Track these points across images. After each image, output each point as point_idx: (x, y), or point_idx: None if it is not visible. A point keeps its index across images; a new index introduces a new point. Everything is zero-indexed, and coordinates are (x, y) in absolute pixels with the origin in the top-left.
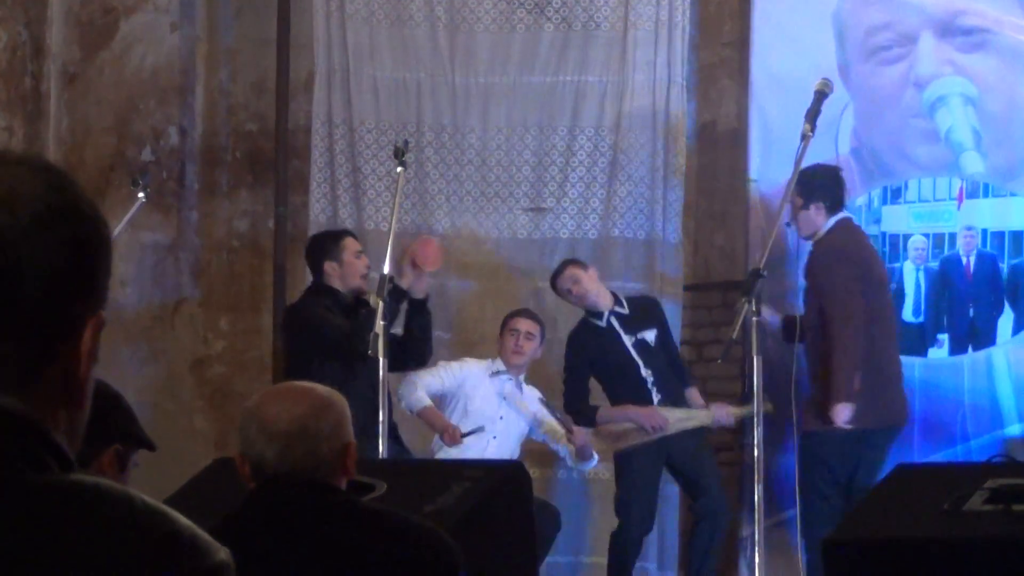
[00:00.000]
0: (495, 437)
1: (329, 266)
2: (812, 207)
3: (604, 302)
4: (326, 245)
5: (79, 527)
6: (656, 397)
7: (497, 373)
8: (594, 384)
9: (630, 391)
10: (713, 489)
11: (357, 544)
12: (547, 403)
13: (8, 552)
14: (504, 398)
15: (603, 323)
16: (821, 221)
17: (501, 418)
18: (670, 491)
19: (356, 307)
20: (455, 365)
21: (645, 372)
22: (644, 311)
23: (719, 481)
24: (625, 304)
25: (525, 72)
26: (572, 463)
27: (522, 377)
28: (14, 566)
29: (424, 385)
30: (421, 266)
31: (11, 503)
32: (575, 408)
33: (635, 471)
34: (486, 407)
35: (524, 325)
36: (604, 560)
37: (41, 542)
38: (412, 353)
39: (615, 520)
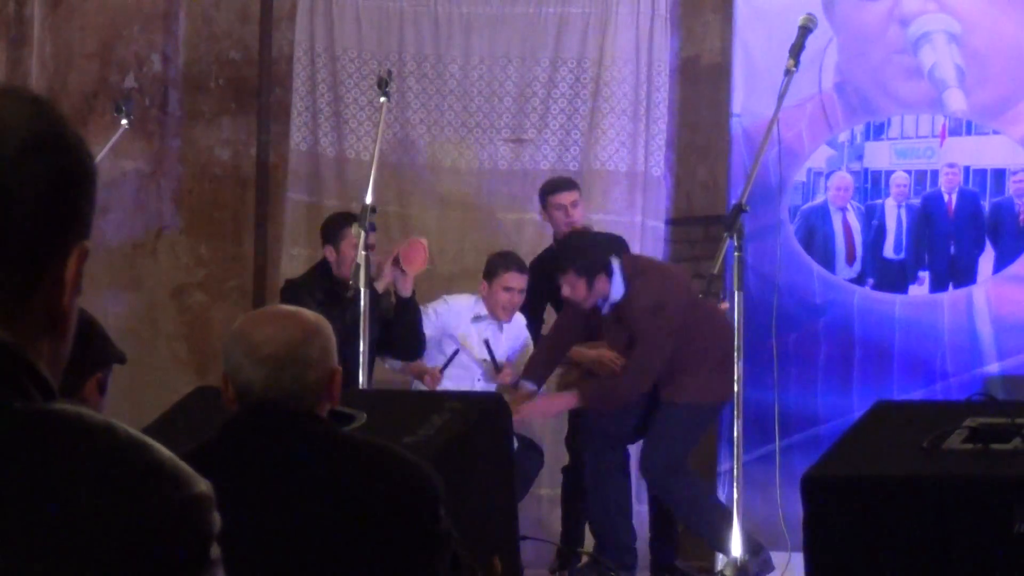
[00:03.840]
0: (479, 380)
1: (328, 250)
2: (599, 280)
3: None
4: (332, 227)
5: (61, 457)
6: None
7: (479, 318)
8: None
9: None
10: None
11: (338, 474)
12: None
13: None
14: (485, 341)
15: None
16: (607, 284)
17: (457, 350)
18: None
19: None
20: (431, 309)
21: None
22: None
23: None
24: None
25: (507, 2)
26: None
27: None
28: None
29: None
30: (405, 268)
31: None
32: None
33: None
34: (469, 350)
35: (517, 283)
36: None
37: (23, 471)
38: (402, 348)
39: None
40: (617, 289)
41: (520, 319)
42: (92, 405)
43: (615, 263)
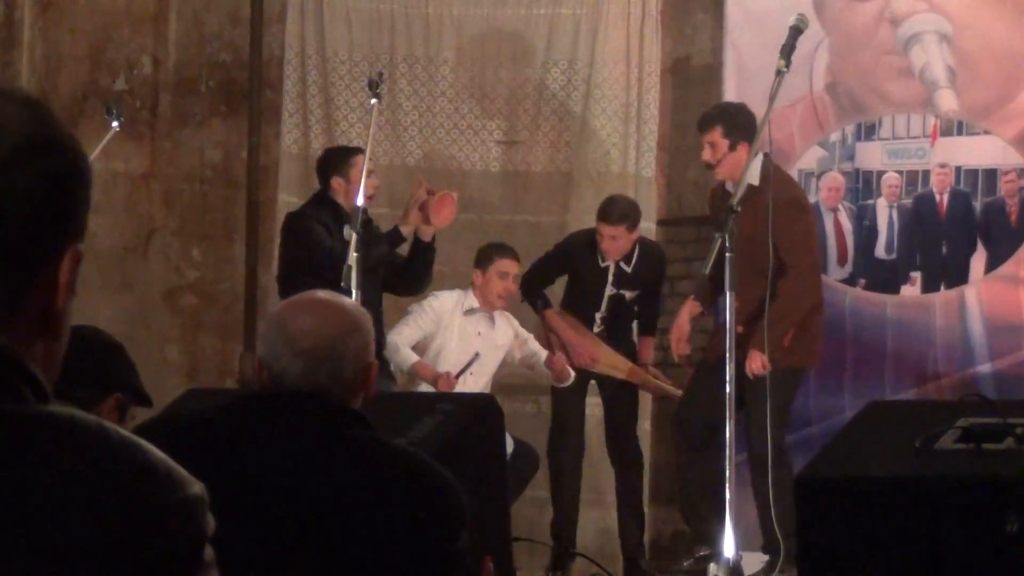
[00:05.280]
0: (471, 374)
1: (336, 181)
2: (739, 147)
3: (610, 256)
4: (335, 159)
5: (53, 458)
6: (597, 332)
7: (471, 311)
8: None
9: (580, 313)
10: (627, 431)
11: (361, 473)
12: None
13: None
14: (478, 334)
15: (602, 264)
16: (744, 162)
17: (477, 354)
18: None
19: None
20: (427, 305)
21: (600, 315)
22: (644, 272)
23: (634, 426)
24: (632, 264)
25: (498, 4)
26: (551, 381)
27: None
28: None
29: (406, 341)
30: (432, 220)
31: None
32: (530, 287)
33: (561, 392)
34: (461, 344)
35: (512, 268)
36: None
37: (14, 473)
38: (409, 284)
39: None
40: (754, 173)
41: (510, 320)
42: None
43: (761, 153)
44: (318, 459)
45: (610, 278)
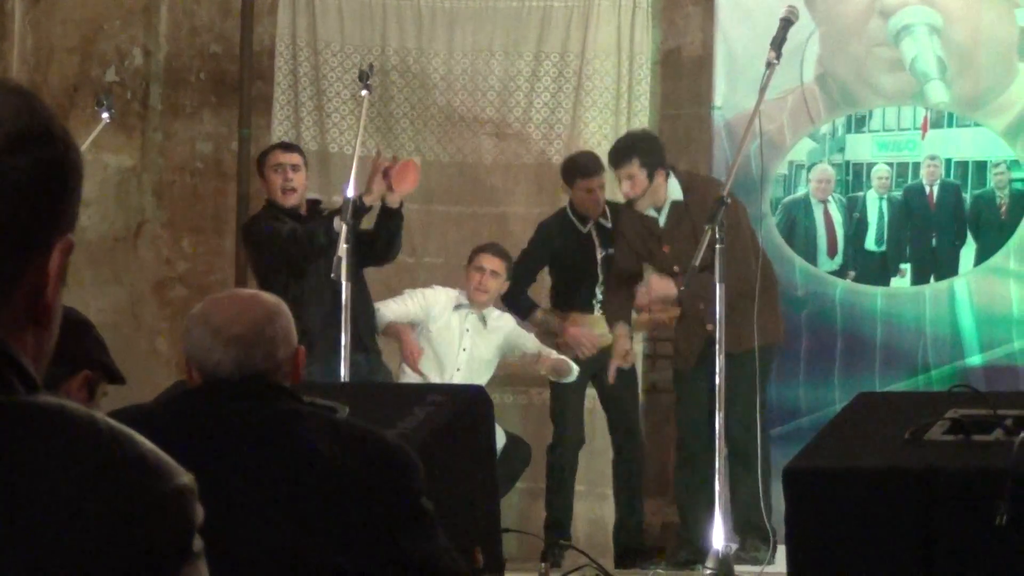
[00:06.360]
0: (459, 370)
1: (261, 183)
2: (657, 175)
3: (595, 212)
4: (258, 160)
5: (42, 449)
6: (597, 312)
7: (460, 306)
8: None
9: (575, 299)
10: (631, 424)
11: (310, 443)
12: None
13: None
14: (467, 331)
15: (584, 230)
16: (663, 186)
17: (464, 350)
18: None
19: (309, 217)
20: (419, 292)
21: (600, 288)
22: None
23: (637, 420)
24: (610, 215)
25: None
26: (555, 378)
27: (487, 311)
28: None
29: (390, 311)
30: (395, 187)
31: None
32: (512, 294)
33: (561, 389)
34: (448, 338)
35: (490, 263)
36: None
37: (4, 463)
38: (376, 253)
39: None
40: (675, 190)
41: (508, 321)
42: (77, 403)
43: (670, 171)
44: (265, 437)
45: (596, 241)
